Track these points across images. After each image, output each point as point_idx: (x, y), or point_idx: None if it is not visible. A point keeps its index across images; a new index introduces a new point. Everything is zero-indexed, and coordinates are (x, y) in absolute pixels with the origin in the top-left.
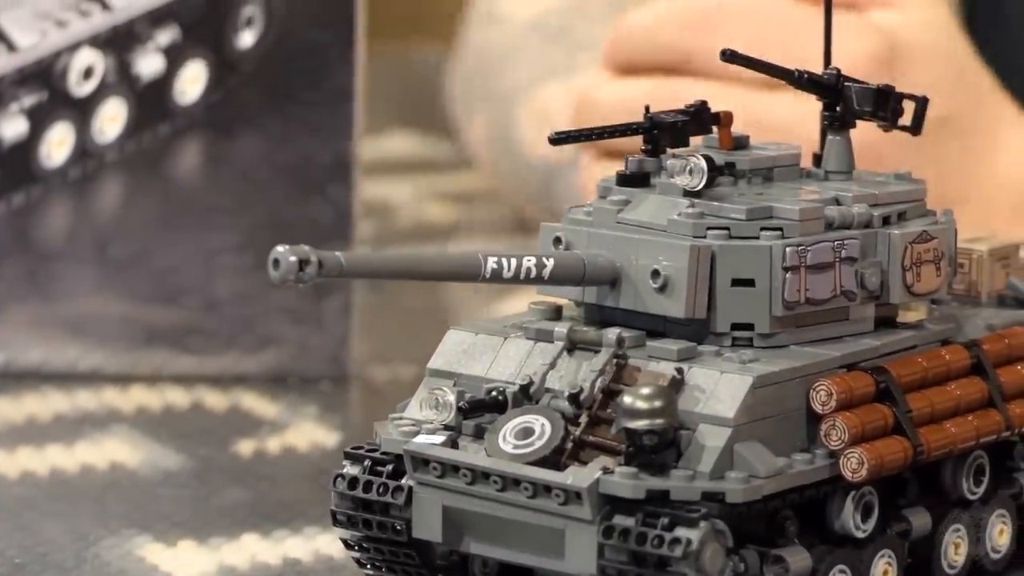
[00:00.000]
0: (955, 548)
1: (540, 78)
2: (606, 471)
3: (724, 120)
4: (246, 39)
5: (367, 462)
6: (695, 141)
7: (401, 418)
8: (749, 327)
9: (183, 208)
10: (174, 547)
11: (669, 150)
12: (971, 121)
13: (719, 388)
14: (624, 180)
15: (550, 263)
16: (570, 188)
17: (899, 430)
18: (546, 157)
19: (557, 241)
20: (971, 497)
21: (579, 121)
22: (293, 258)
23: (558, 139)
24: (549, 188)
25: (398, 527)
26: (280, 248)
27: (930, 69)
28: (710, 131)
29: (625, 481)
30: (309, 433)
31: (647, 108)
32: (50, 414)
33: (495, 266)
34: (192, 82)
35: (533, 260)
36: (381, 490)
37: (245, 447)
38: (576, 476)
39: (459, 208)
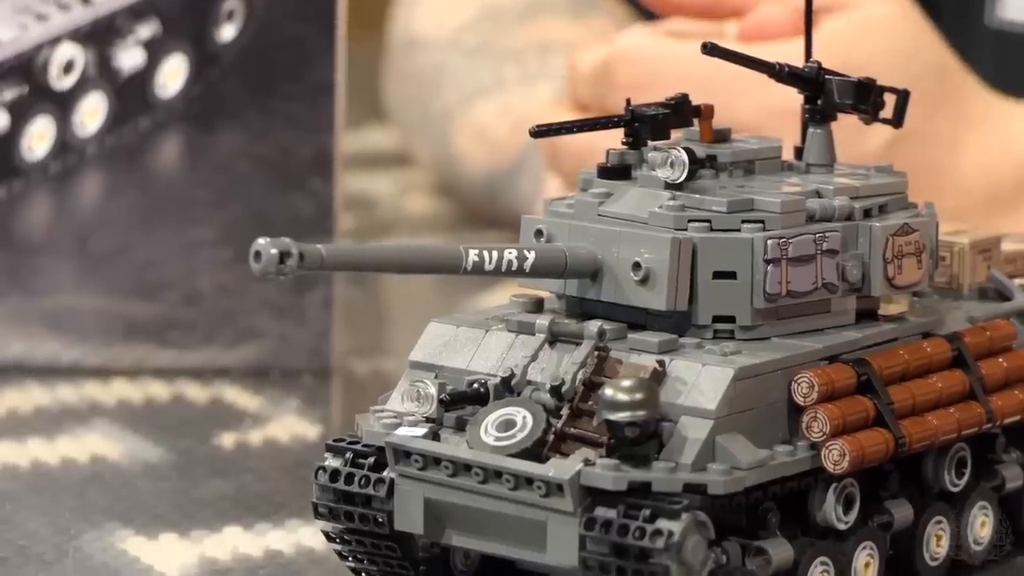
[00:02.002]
0: (937, 540)
1: (470, 96)
2: (588, 463)
3: (705, 113)
4: (227, 33)
5: (349, 454)
6: (676, 134)
7: (383, 410)
8: (731, 319)
9: (164, 202)
10: (156, 540)
11: (650, 143)
12: (938, 112)
13: (701, 380)
14: (605, 173)
15: (531, 255)
16: (517, 197)
17: (881, 422)
18: (486, 167)
19: (538, 234)
20: (953, 489)
21: None
22: (274, 251)
23: (539, 132)
24: (494, 198)
25: (380, 519)
26: (261, 241)
27: (895, 63)
28: (691, 124)
29: (607, 473)
30: (291, 426)
31: (628, 101)
32: (31, 408)
33: (476, 258)
34: (173, 76)
35: (514, 252)
36: (363, 482)
37: (227, 440)
38: (558, 468)
39: (440, 202)
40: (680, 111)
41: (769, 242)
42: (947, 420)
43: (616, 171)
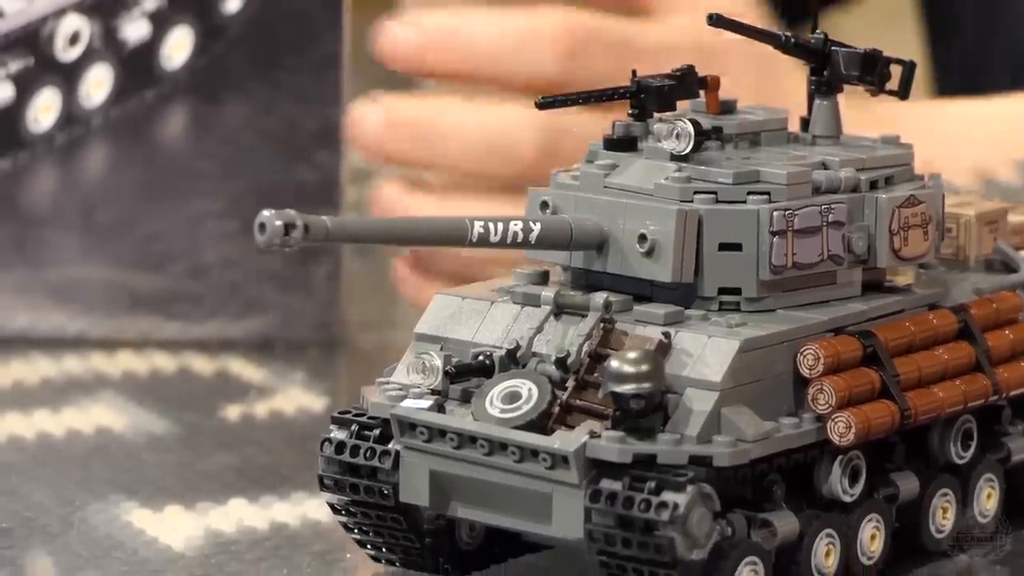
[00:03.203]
0: (943, 512)
1: None
2: (593, 435)
3: (711, 84)
4: (232, 4)
5: (354, 427)
6: (682, 106)
7: (388, 383)
8: (736, 291)
9: (169, 174)
10: (161, 512)
11: (656, 114)
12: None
13: (706, 352)
14: (611, 144)
15: (537, 227)
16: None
17: (886, 394)
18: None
19: (544, 205)
20: (958, 461)
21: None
22: (279, 222)
23: (544, 103)
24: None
25: (385, 491)
26: (266, 212)
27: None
28: (697, 95)
29: (612, 445)
30: (296, 398)
31: (634, 72)
32: (37, 379)
33: (482, 230)
34: (178, 48)
35: (520, 224)
36: (368, 454)
37: (232, 412)
38: (563, 440)
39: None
40: (686, 82)
41: (775, 214)
42: (953, 392)
43: (622, 143)
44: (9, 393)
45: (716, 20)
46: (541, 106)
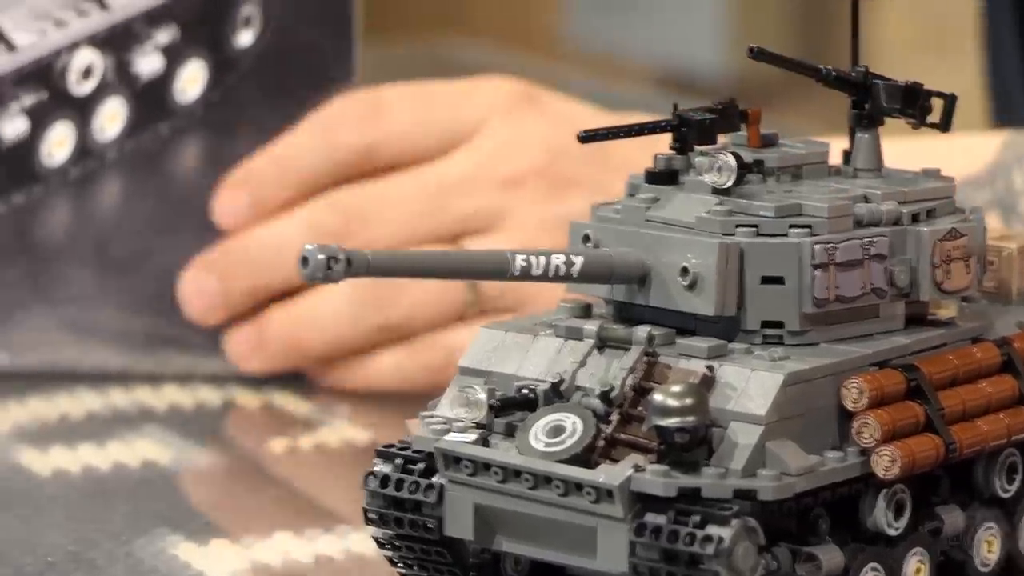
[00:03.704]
0: (988, 546)
1: None
2: (637, 469)
3: (752, 117)
4: (244, 38)
5: (399, 460)
6: (723, 139)
7: (432, 416)
8: (779, 325)
9: (183, 206)
10: (206, 545)
11: (697, 147)
12: None
13: (750, 386)
14: (652, 177)
15: (579, 261)
16: None
17: (931, 428)
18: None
19: (586, 238)
20: (1004, 495)
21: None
22: (322, 256)
23: (586, 137)
24: None
25: (430, 525)
26: (309, 246)
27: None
28: (738, 128)
29: (656, 479)
30: (341, 431)
31: (675, 105)
32: (83, 413)
33: (523, 263)
34: (191, 81)
35: (562, 258)
36: (413, 488)
37: (277, 445)
38: (607, 474)
39: None
40: (727, 115)
41: (817, 247)
42: (997, 425)
43: (663, 176)
44: (55, 427)
45: (757, 53)
46: (584, 140)
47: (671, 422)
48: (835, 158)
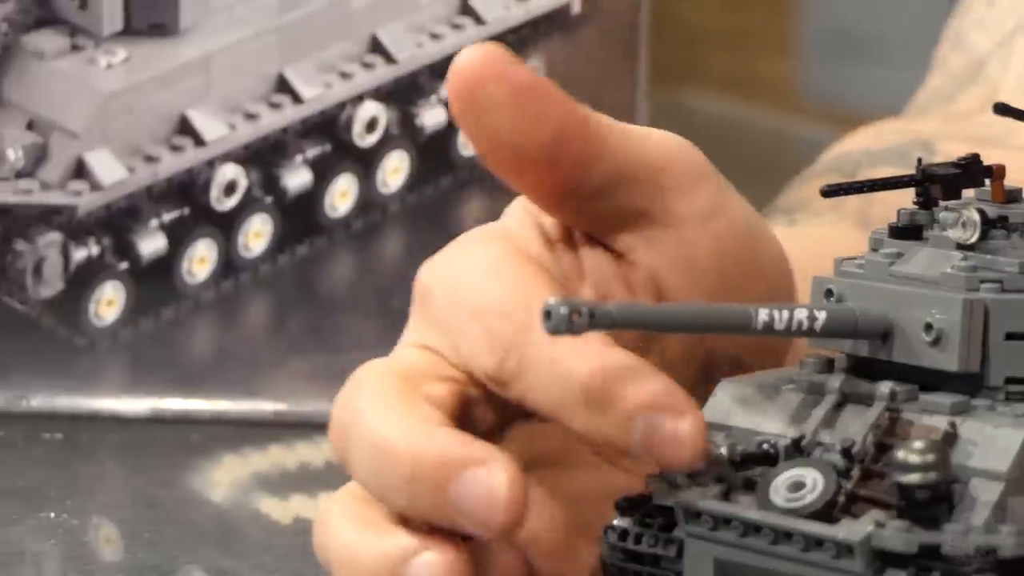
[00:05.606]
0: None
1: None
2: (878, 525)
3: (997, 173)
4: None
5: (638, 514)
6: (967, 194)
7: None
8: (1023, 381)
9: None
10: None
11: (941, 203)
12: None
13: (992, 442)
14: (896, 233)
15: (822, 316)
16: None
17: None
18: None
19: (828, 293)
20: None
21: None
22: (564, 310)
23: (830, 192)
24: None
25: None
26: (551, 300)
27: None
28: (982, 184)
29: (898, 535)
30: None
31: (919, 160)
32: (322, 462)
33: (766, 318)
34: None
35: (805, 312)
36: (652, 542)
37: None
38: (849, 530)
39: None
40: (971, 171)
41: None
42: None
43: (907, 231)
44: (295, 475)
45: (1002, 109)
46: (826, 194)
47: (913, 478)
48: None
